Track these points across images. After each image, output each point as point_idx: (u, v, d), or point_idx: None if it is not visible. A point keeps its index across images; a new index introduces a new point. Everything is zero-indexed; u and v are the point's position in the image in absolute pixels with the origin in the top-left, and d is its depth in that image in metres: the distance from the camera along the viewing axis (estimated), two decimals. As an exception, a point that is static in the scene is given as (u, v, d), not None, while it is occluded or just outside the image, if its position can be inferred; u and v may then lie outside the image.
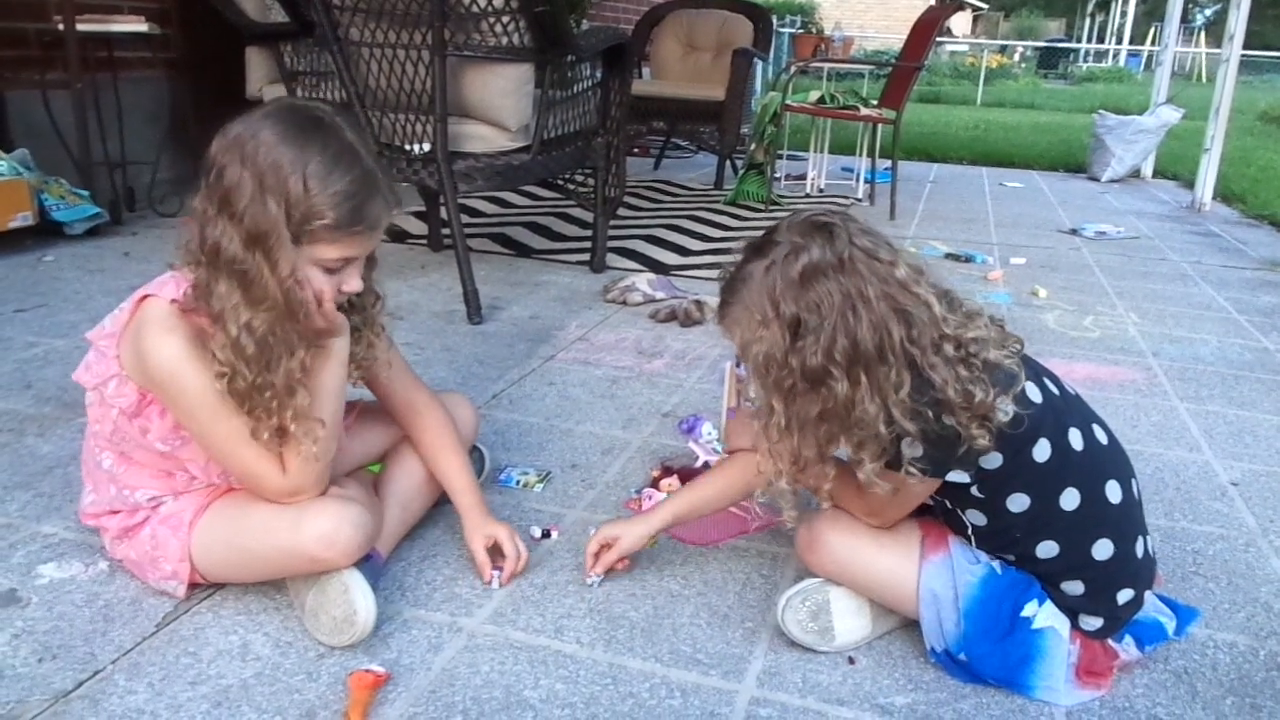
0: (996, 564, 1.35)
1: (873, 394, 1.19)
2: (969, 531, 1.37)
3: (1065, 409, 1.34)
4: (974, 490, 1.30)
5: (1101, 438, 1.37)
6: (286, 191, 1.25)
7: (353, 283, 1.38)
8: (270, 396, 1.31)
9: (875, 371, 1.19)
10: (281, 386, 1.31)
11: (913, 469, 1.23)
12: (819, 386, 1.21)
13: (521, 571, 1.57)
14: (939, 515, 1.41)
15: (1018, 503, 1.30)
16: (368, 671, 1.29)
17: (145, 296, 1.34)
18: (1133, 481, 1.38)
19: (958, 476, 1.26)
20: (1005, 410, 1.21)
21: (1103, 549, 1.31)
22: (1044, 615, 1.32)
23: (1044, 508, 1.30)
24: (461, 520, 1.60)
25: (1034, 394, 1.27)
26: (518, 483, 1.88)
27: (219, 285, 1.27)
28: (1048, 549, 1.32)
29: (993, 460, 1.25)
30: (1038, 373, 1.34)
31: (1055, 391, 1.34)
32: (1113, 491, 1.33)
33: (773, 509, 1.70)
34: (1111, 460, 1.37)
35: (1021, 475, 1.28)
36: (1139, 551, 1.35)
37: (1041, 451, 1.28)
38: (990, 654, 1.32)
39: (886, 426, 1.20)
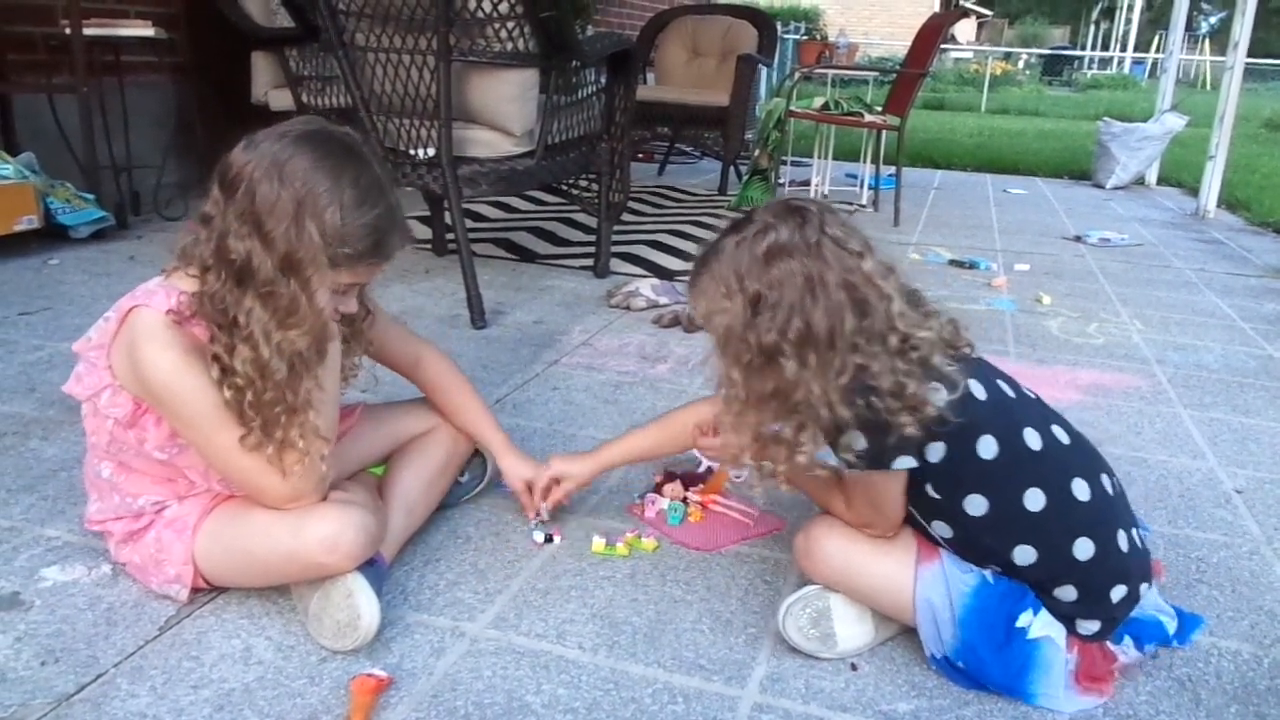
0: (988, 573, 1.35)
1: (817, 377, 1.23)
2: (942, 545, 1.37)
3: (1020, 410, 1.36)
4: (930, 490, 1.32)
5: (1063, 437, 1.37)
6: (323, 220, 1.26)
7: (350, 305, 1.42)
8: (280, 411, 1.32)
9: (823, 355, 1.23)
10: (298, 403, 1.33)
11: (848, 457, 1.27)
12: (771, 364, 1.24)
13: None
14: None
15: (976, 505, 1.31)
16: (370, 676, 1.29)
17: (134, 307, 1.32)
18: (1103, 477, 1.37)
19: (902, 463, 1.27)
20: (937, 404, 1.23)
21: (1083, 548, 1.31)
22: (1039, 625, 1.32)
23: (1007, 510, 1.30)
24: (496, 460, 1.73)
25: (979, 391, 1.30)
26: (521, 487, 1.88)
27: (245, 301, 1.27)
28: (1025, 554, 1.31)
29: (935, 451, 1.27)
30: (991, 374, 1.36)
31: (1010, 394, 1.36)
32: (1080, 489, 1.33)
33: (761, 507, 1.71)
34: (1076, 458, 1.37)
35: (971, 473, 1.30)
36: (1123, 545, 1.34)
37: (987, 448, 1.29)
38: (989, 663, 1.32)
39: (827, 411, 1.24)
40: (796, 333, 1.22)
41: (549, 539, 1.69)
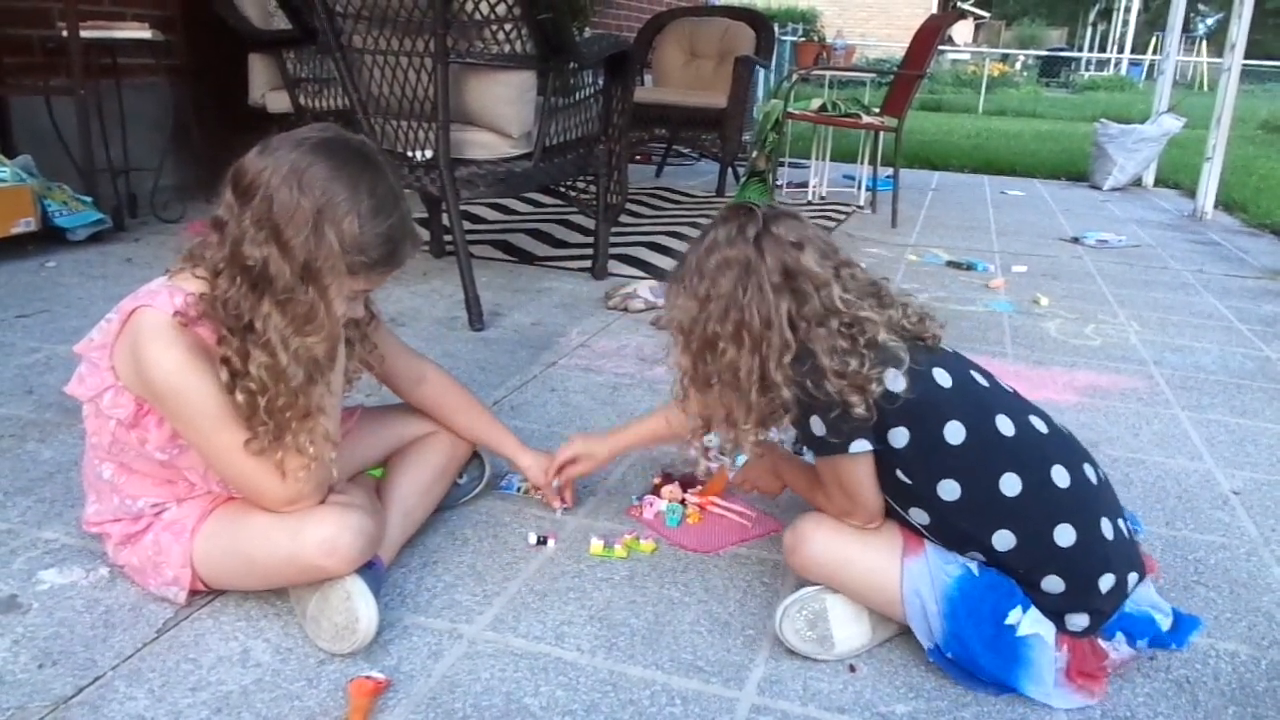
0: (973, 565, 1.36)
1: (753, 359, 1.31)
2: (924, 534, 1.39)
3: (992, 398, 1.39)
4: (901, 475, 1.35)
5: (1040, 427, 1.39)
6: (342, 228, 1.27)
7: (358, 310, 1.44)
8: (291, 416, 1.32)
9: (759, 340, 1.30)
10: (311, 407, 1.34)
11: (806, 438, 1.34)
12: (712, 350, 1.33)
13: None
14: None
15: (949, 490, 1.33)
16: (368, 678, 1.29)
17: (138, 307, 1.32)
18: (1086, 466, 1.39)
19: (859, 446, 1.31)
20: (884, 383, 1.28)
21: (1064, 535, 1.31)
22: (1028, 622, 1.32)
23: (981, 495, 1.32)
24: (515, 463, 1.77)
25: (943, 379, 1.34)
26: (519, 489, 1.88)
27: (262, 307, 1.28)
28: (1004, 539, 1.32)
29: (899, 436, 1.32)
30: (962, 365, 1.41)
31: (983, 383, 1.40)
32: (1059, 476, 1.34)
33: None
34: (1055, 446, 1.39)
35: (940, 458, 1.32)
36: (1107, 534, 1.35)
37: (955, 434, 1.32)
38: (979, 655, 1.32)
39: (762, 394, 1.31)
40: (734, 321, 1.31)
41: (542, 541, 1.69)
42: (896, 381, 1.28)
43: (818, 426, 1.31)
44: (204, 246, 1.32)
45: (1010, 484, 1.32)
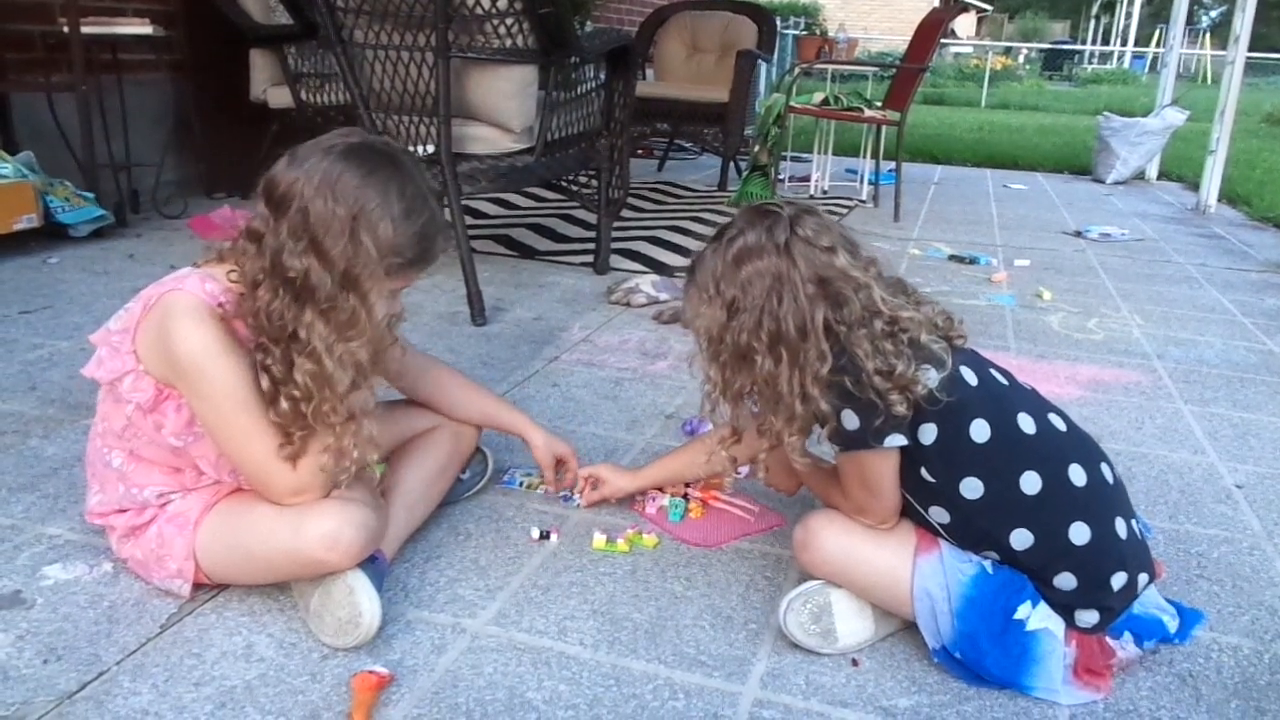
0: (988, 564, 1.36)
1: (792, 372, 1.28)
2: (941, 534, 1.38)
3: (1013, 396, 1.40)
4: (925, 474, 1.34)
5: (1059, 425, 1.39)
6: (377, 233, 1.29)
7: (396, 305, 1.45)
8: (335, 422, 1.34)
9: (794, 350, 1.28)
10: (356, 410, 1.35)
11: (838, 436, 1.31)
12: (746, 361, 1.31)
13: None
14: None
15: (972, 488, 1.32)
16: (371, 673, 1.29)
17: (166, 292, 1.33)
18: (1102, 465, 1.39)
19: (893, 441, 1.29)
20: (925, 383, 1.27)
21: (1079, 533, 1.31)
22: (1037, 617, 1.32)
23: (1003, 492, 1.32)
24: (526, 438, 1.78)
25: (969, 377, 1.34)
26: (521, 484, 1.88)
27: (305, 316, 1.29)
28: (1022, 538, 1.32)
29: (928, 433, 1.31)
30: (983, 364, 1.40)
31: (1003, 382, 1.40)
32: (1076, 474, 1.34)
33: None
34: (1072, 445, 1.39)
35: (965, 455, 1.32)
36: (1121, 533, 1.35)
37: (980, 431, 1.32)
38: (987, 654, 1.32)
39: (803, 403, 1.29)
40: (768, 332, 1.28)
41: (546, 536, 1.69)
42: (935, 381, 1.28)
43: (850, 421, 1.29)
44: (236, 252, 1.33)
45: (1030, 482, 1.32)
